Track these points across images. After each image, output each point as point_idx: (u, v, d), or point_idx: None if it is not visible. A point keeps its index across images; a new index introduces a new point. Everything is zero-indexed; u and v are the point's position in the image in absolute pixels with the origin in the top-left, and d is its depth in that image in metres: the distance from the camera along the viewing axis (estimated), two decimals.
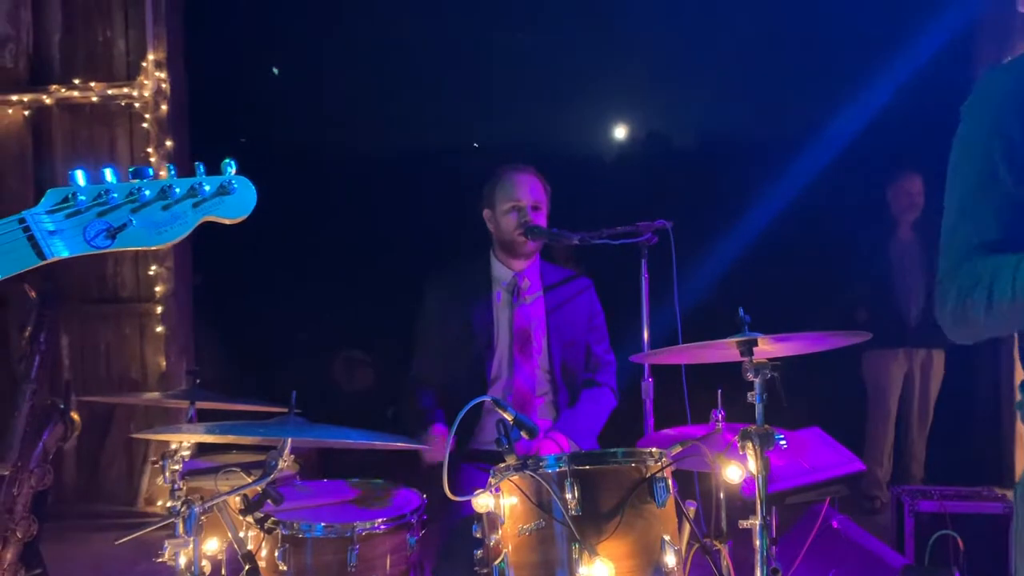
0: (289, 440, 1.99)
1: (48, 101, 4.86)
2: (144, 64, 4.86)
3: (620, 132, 8.38)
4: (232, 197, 1.27)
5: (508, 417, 1.91)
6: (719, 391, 2.31)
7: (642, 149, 8.08)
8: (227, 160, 1.29)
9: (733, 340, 1.79)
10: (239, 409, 2.58)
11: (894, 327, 4.68)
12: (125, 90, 4.84)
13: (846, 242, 4.86)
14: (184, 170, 4.35)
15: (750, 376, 1.76)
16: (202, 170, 1.28)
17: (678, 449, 1.94)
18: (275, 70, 7.15)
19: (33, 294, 2.85)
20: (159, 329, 4.83)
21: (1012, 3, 4.46)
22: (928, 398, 4.73)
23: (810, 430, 2.75)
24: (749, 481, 1.98)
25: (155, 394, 2.77)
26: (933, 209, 4.74)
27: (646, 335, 2.71)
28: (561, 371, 2.83)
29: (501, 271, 2.83)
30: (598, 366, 2.92)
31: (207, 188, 1.27)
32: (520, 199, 2.75)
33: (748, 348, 1.77)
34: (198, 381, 2.63)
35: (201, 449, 3.15)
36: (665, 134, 8.22)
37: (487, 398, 1.91)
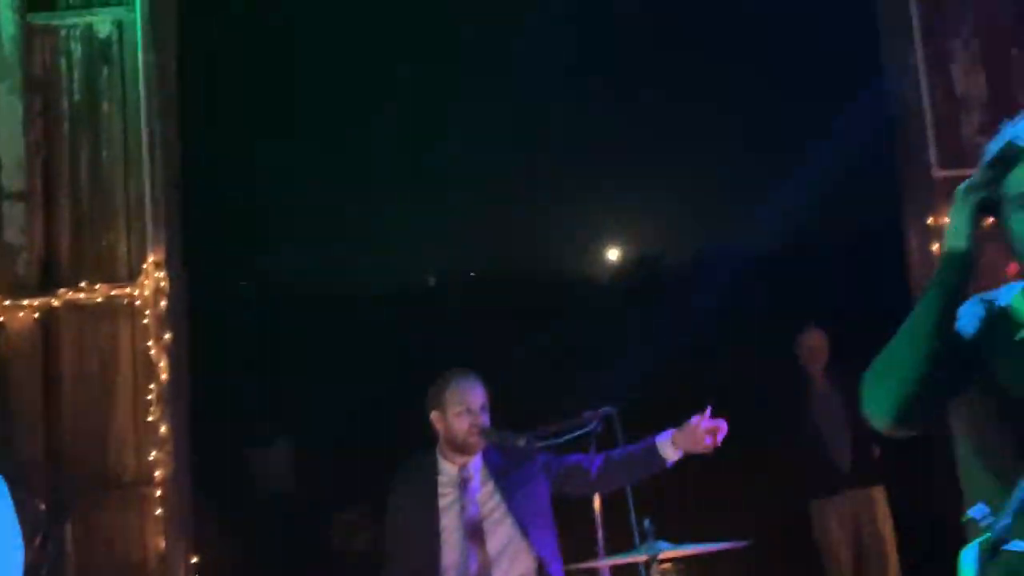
0: None
1: (56, 303, 5.27)
2: (144, 266, 5.30)
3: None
4: None
5: None
6: None
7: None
8: None
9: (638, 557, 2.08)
10: None
11: (828, 475, 4.95)
12: (127, 290, 5.26)
13: (765, 400, 5.21)
14: (181, 366, 4.72)
15: None
16: None
17: None
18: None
19: (43, 507, 3.14)
20: (158, 512, 5.08)
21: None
22: (881, 539, 4.90)
23: None
24: None
25: None
26: (841, 356, 5.11)
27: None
28: (540, 544, 3.09)
29: (446, 467, 3.16)
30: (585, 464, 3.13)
31: None
32: (472, 403, 3.11)
33: (652, 559, 2.07)
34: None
35: None
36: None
37: None
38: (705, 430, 2.88)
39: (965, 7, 4.33)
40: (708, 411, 2.93)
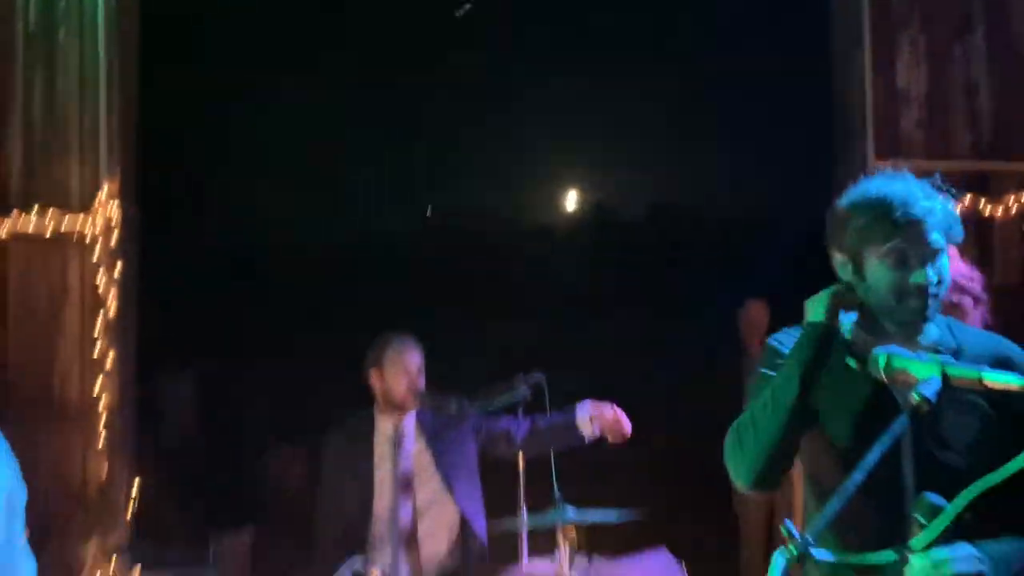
0: None
1: (4, 234, 5.26)
2: (98, 194, 5.30)
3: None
4: None
5: None
6: None
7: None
8: None
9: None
10: None
11: None
12: (78, 220, 5.27)
13: (703, 369, 5.44)
14: (130, 298, 4.79)
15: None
16: None
17: None
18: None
19: None
20: (101, 443, 5.19)
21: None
22: (792, 510, 5.22)
23: (656, 553, 3.21)
24: None
25: None
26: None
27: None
28: (464, 500, 3.30)
29: (382, 424, 3.35)
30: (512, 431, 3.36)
31: None
32: (409, 365, 3.29)
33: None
34: None
35: None
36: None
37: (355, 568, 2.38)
38: (612, 422, 3.14)
39: (913, 5, 4.47)
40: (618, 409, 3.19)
